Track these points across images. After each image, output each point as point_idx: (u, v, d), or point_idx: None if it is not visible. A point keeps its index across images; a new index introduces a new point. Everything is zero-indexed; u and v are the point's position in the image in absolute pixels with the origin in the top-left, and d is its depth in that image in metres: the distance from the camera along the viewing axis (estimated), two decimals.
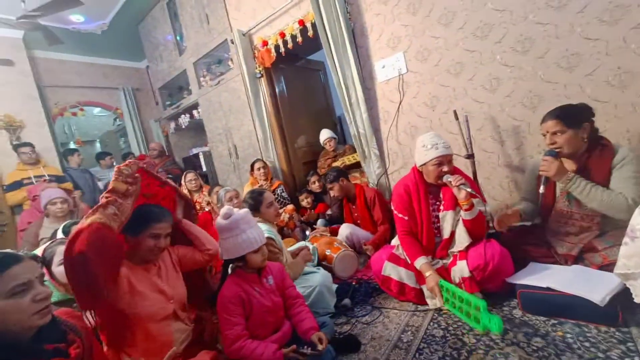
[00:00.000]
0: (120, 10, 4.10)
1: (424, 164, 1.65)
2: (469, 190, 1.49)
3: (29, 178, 3.49)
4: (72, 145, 5.59)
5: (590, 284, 1.29)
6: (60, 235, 1.91)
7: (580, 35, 1.75)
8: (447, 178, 1.57)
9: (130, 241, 1.22)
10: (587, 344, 1.13)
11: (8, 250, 0.85)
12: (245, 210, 1.36)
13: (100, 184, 4.18)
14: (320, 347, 1.18)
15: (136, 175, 1.21)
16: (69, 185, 3.65)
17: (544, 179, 1.53)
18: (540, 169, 1.54)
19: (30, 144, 3.59)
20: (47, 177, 3.54)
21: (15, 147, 3.58)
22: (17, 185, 3.45)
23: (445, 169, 1.59)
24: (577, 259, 1.52)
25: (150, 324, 1.17)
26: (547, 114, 1.52)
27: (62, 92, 4.79)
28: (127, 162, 1.21)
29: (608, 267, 1.33)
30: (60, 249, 1.44)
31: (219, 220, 1.30)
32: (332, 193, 2.71)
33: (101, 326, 1.10)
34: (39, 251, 1.47)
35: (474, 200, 1.55)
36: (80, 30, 4.32)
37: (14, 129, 3.85)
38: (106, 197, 1.09)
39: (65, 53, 4.71)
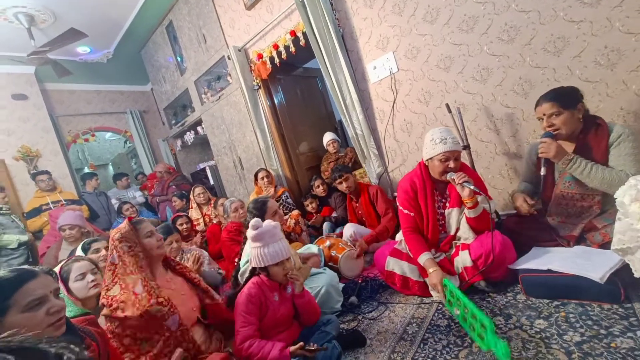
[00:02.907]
0: (123, 39, 4.31)
1: (431, 158, 1.62)
2: (472, 187, 1.47)
3: (47, 204, 3.66)
4: (86, 170, 5.82)
5: (590, 263, 1.28)
6: (79, 252, 2.01)
7: (564, 19, 1.77)
8: (450, 175, 1.55)
9: None
10: (589, 322, 1.13)
11: (25, 266, 0.92)
12: (275, 223, 1.41)
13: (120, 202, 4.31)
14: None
15: None
16: (84, 208, 3.81)
17: (543, 161, 1.53)
18: (539, 152, 1.53)
19: (46, 172, 3.78)
20: (64, 202, 3.71)
21: (33, 176, 3.77)
22: (36, 212, 3.63)
23: (451, 164, 1.56)
24: (579, 239, 1.51)
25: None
26: (541, 97, 1.53)
27: (74, 120, 5.03)
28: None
29: (608, 244, 1.31)
30: (77, 266, 1.53)
31: (249, 230, 1.37)
32: (343, 185, 2.63)
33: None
34: (56, 269, 1.55)
35: (479, 198, 1.53)
36: (87, 60, 4.56)
37: (31, 159, 4.07)
38: None
39: (74, 83, 4.94)
